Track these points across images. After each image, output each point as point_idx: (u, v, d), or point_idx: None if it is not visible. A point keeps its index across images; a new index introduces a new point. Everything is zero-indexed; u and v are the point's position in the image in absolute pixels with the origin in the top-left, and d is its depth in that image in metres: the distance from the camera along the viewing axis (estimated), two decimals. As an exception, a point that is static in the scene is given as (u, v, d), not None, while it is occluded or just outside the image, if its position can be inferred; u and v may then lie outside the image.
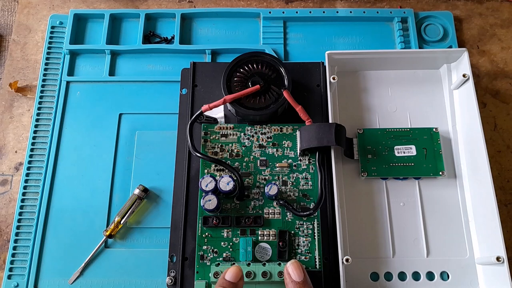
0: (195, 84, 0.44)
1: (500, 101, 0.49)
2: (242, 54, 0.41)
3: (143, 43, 0.49)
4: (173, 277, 0.38)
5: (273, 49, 0.49)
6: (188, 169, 0.41)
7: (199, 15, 0.51)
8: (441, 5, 0.53)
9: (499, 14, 0.53)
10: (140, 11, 0.51)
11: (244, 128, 0.42)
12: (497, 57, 0.51)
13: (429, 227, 0.40)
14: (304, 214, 0.37)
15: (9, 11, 0.54)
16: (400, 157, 0.41)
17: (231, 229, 0.38)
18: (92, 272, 0.41)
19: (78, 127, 0.46)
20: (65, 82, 0.48)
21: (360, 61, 0.44)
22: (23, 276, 0.41)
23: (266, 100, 0.40)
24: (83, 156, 0.45)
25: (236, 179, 0.38)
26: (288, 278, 0.33)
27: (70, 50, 0.49)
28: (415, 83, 0.45)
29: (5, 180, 0.46)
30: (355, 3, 0.53)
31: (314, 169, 0.40)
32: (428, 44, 0.50)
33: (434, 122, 0.43)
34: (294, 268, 0.34)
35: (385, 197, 0.41)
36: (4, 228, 0.44)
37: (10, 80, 0.50)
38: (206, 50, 0.49)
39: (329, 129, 0.38)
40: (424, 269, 0.39)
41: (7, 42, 0.52)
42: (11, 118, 0.48)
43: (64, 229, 0.43)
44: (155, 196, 0.44)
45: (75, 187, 0.44)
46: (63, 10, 0.53)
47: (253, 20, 0.52)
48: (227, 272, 0.33)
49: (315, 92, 0.43)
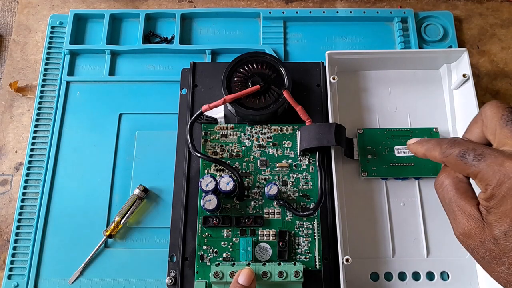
0: (195, 84, 0.44)
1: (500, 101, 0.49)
2: (242, 54, 0.41)
3: (143, 43, 0.49)
4: (173, 277, 0.38)
5: (273, 49, 0.49)
6: (188, 169, 0.41)
7: (199, 15, 0.51)
8: (441, 5, 0.53)
9: (499, 14, 0.53)
10: (140, 11, 0.51)
11: (244, 128, 0.42)
12: (497, 57, 0.51)
13: (429, 227, 0.40)
14: (304, 214, 0.37)
15: (9, 11, 0.54)
16: (400, 157, 0.41)
17: (231, 229, 0.38)
18: (92, 272, 0.41)
19: (78, 127, 0.46)
20: (65, 82, 0.48)
21: (360, 61, 0.44)
22: (23, 276, 0.41)
23: (266, 100, 0.40)
24: (83, 156, 0.45)
25: (236, 179, 0.38)
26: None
27: (70, 50, 0.49)
28: (415, 83, 0.45)
29: (5, 180, 0.46)
30: (355, 3, 0.53)
31: (314, 169, 0.40)
32: (428, 44, 0.50)
33: (434, 122, 0.43)
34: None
35: (385, 197, 0.41)
36: (4, 228, 0.44)
37: (10, 80, 0.50)
38: (206, 50, 0.49)
39: (329, 129, 0.38)
40: (424, 269, 0.39)
41: (7, 42, 0.52)
42: (11, 118, 0.48)
43: (64, 229, 0.43)
44: (155, 196, 0.44)
45: (75, 187, 0.44)
46: (63, 10, 0.53)
47: (253, 20, 0.52)
48: (240, 275, 0.33)
49: (315, 92, 0.43)
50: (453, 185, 0.30)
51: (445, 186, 0.31)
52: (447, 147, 0.31)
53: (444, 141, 0.31)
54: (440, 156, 0.31)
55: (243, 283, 0.33)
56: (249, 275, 0.33)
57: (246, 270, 0.33)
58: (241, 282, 0.33)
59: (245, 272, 0.33)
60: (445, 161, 0.31)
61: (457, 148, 0.30)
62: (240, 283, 0.33)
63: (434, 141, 0.33)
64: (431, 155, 0.33)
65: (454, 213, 0.30)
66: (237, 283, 0.33)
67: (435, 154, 0.32)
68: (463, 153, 0.29)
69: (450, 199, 0.30)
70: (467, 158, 0.29)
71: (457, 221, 0.30)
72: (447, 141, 0.31)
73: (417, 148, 0.34)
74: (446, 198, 0.31)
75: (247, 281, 0.33)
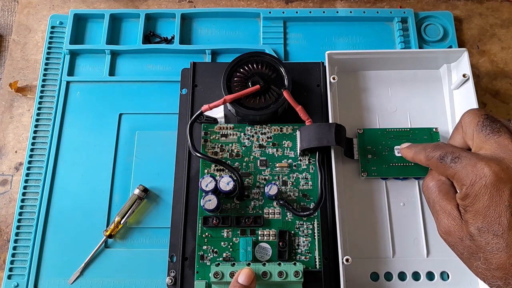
0: (195, 84, 0.44)
1: (500, 101, 0.49)
2: (242, 54, 0.41)
3: (143, 43, 0.49)
4: (173, 277, 0.38)
5: (273, 49, 0.49)
6: (188, 169, 0.41)
7: (199, 15, 0.51)
8: (441, 5, 0.53)
9: (499, 14, 0.53)
10: (140, 11, 0.51)
11: (244, 128, 0.42)
12: (497, 57, 0.51)
13: (429, 227, 0.40)
14: (304, 214, 0.37)
15: (9, 11, 0.54)
16: (400, 157, 0.41)
17: (231, 229, 0.38)
18: (92, 272, 0.41)
19: (78, 127, 0.46)
20: (65, 82, 0.48)
21: (360, 61, 0.44)
22: (23, 276, 0.41)
23: (266, 100, 0.40)
24: (83, 156, 0.45)
25: (236, 179, 0.38)
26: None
27: (70, 50, 0.49)
28: (415, 83, 0.45)
29: (5, 180, 0.46)
30: (355, 3, 0.53)
31: (314, 169, 0.40)
32: (428, 44, 0.50)
33: (434, 122, 0.43)
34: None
35: (385, 197, 0.41)
36: (4, 228, 0.44)
37: (10, 80, 0.50)
38: (206, 50, 0.49)
39: (329, 129, 0.38)
40: (424, 269, 0.39)
41: (7, 42, 0.52)
42: (11, 118, 0.48)
43: (64, 229, 0.43)
44: (155, 196, 0.44)
45: (75, 187, 0.44)
46: (63, 10, 0.53)
47: (253, 20, 0.52)
48: (240, 275, 0.33)
49: (315, 92, 0.43)
50: (436, 187, 0.33)
51: (429, 187, 0.34)
52: (430, 150, 0.33)
53: (429, 145, 0.34)
54: (424, 159, 0.34)
55: (243, 282, 0.33)
56: (249, 275, 0.33)
57: (246, 270, 0.33)
58: (241, 282, 0.33)
59: (245, 271, 0.33)
60: (429, 164, 0.34)
61: (438, 151, 0.32)
62: (240, 283, 0.33)
63: (421, 145, 0.35)
64: (418, 159, 0.35)
65: (437, 212, 0.32)
66: (237, 282, 0.33)
67: (420, 157, 0.34)
68: (443, 155, 0.32)
69: (434, 199, 0.33)
70: (446, 160, 0.31)
71: (440, 220, 0.32)
72: (431, 145, 0.33)
73: (407, 152, 0.37)
74: (431, 199, 0.33)
75: (247, 280, 0.33)
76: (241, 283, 0.33)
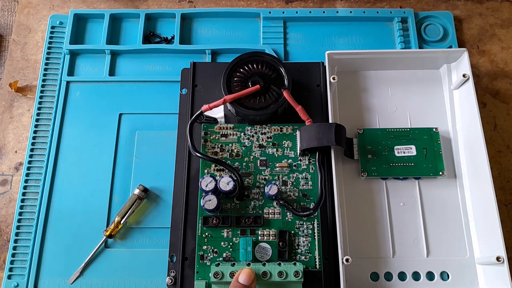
0: (195, 84, 0.44)
1: (500, 101, 0.49)
2: (242, 54, 0.41)
3: (143, 43, 0.49)
4: (173, 277, 0.38)
5: (273, 49, 0.49)
6: (188, 169, 0.41)
7: (199, 15, 0.51)
8: (441, 5, 0.53)
9: (499, 14, 0.53)
10: (140, 11, 0.51)
11: (244, 128, 0.42)
12: (497, 57, 0.51)
13: (429, 227, 0.40)
14: (304, 214, 0.37)
15: (9, 11, 0.54)
16: (400, 157, 0.41)
17: (231, 229, 0.38)
18: (92, 272, 0.41)
19: (78, 127, 0.46)
20: (65, 82, 0.48)
21: (360, 61, 0.44)
22: (23, 276, 0.41)
23: (266, 100, 0.40)
24: (83, 156, 0.45)
25: (236, 179, 0.38)
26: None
27: (70, 50, 0.49)
28: (415, 83, 0.45)
29: (5, 180, 0.46)
30: (355, 3, 0.53)
31: (314, 169, 0.40)
32: (428, 44, 0.50)
33: (434, 122, 0.43)
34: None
35: (385, 197, 0.41)
36: (4, 228, 0.44)
37: (10, 80, 0.50)
38: (206, 50, 0.49)
39: (329, 129, 0.38)
40: (424, 269, 0.39)
41: (7, 42, 0.52)
42: (11, 118, 0.48)
43: (64, 229, 0.43)
44: (155, 196, 0.44)
45: (75, 187, 0.44)
46: (63, 10, 0.53)
47: (253, 20, 0.52)
48: (240, 275, 0.33)
49: (315, 92, 0.43)
50: None
51: None
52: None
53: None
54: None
55: (243, 282, 0.33)
56: (249, 275, 0.33)
57: (247, 270, 0.33)
58: (241, 281, 0.33)
59: (245, 271, 0.33)
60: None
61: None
62: (241, 282, 0.33)
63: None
64: None
65: None
66: (237, 282, 0.33)
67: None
68: None
69: None
70: None
71: None
72: None
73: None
74: None
75: (248, 280, 0.33)
76: (242, 283, 0.33)
